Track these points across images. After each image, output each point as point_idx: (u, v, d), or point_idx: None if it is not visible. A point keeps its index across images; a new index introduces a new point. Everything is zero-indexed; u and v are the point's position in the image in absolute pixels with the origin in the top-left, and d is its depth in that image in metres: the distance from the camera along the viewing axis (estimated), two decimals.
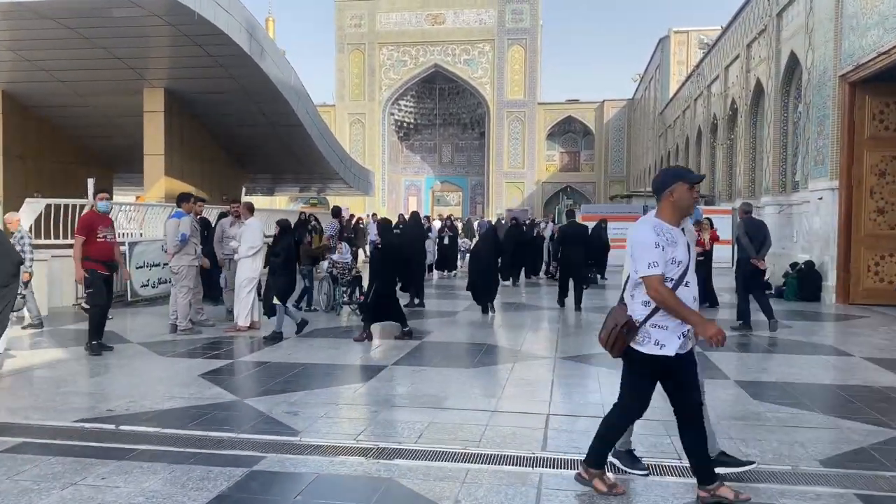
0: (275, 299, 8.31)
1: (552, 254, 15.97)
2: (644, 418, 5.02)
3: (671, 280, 3.35)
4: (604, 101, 51.23)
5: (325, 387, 6.01)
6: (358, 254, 16.24)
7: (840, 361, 7.38)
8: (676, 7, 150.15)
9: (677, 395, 3.48)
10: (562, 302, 11.69)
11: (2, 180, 18.31)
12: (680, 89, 31.87)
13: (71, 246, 11.31)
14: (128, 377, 6.44)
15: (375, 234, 20.61)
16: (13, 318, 8.40)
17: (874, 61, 10.86)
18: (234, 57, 15.63)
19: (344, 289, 10.76)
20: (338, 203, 22.57)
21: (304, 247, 11.65)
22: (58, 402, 5.43)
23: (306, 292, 11.03)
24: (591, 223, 20.47)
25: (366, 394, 5.82)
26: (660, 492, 3.67)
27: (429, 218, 23.17)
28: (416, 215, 12.91)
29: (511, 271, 15.35)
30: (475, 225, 29.52)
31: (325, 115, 46.97)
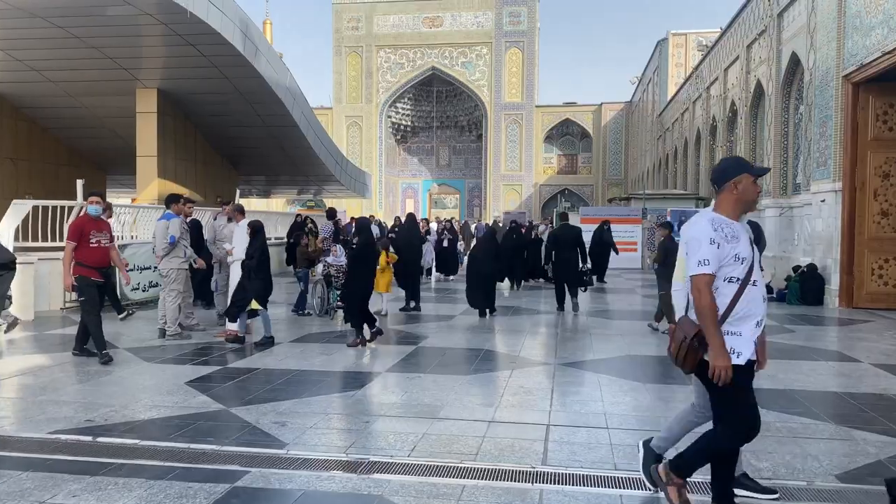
0: (254, 303, 8.07)
1: (545, 256, 15.61)
2: (649, 428, 4.85)
3: (737, 279, 3.04)
4: (602, 104, 51.16)
5: (315, 395, 5.78)
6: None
7: (847, 368, 7.17)
8: (674, 10, 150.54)
9: None
10: (560, 307, 11.44)
11: None
12: (678, 92, 31.73)
13: (59, 248, 11.18)
14: (111, 385, 6.20)
15: (375, 235, 20.62)
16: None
17: (878, 61, 10.67)
18: (227, 57, 15.42)
19: (338, 292, 10.51)
20: (335, 205, 22.36)
21: (300, 249, 11.44)
22: (34, 412, 5.19)
23: (303, 296, 10.82)
24: (589, 226, 20.43)
25: (358, 402, 5.59)
26: None
27: (427, 220, 22.98)
28: (411, 218, 12.67)
29: (511, 275, 14.99)
30: (472, 228, 29.28)
31: (322, 117, 46.86)
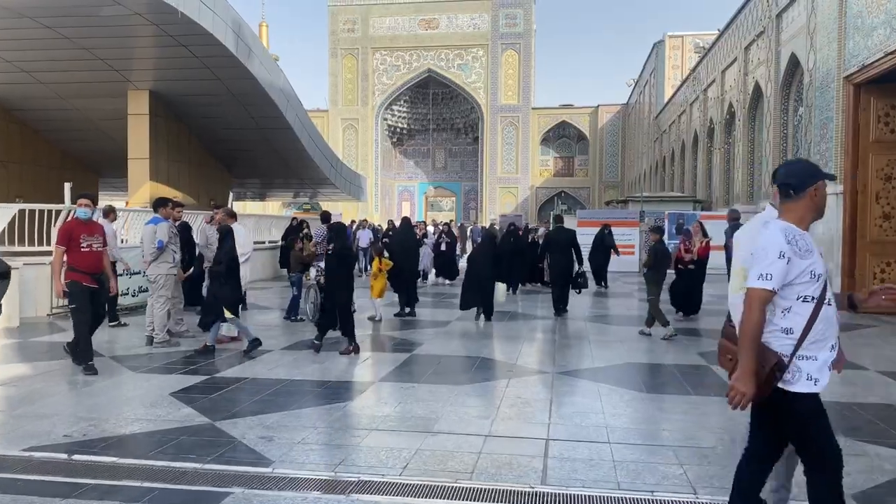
0: (226, 312, 7.83)
1: (538, 258, 15.42)
2: (653, 443, 4.65)
3: (812, 298, 2.71)
4: (598, 106, 51.06)
5: (305, 407, 5.56)
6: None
7: (854, 376, 6.96)
8: (671, 12, 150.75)
9: (776, 434, 2.88)
10: (558, 312, 11.24)
11: None
12: (675, 94, 31.61)
13: (46, 253, 10.93)
14: (93, 397, 5.97)
15: (368, 240, 20.35)
16: None
17: (881, 62, 10.51)
18: (220, 58, 15.19)
19: None
20: (331, 209, 22.12)
21: (293, 253, 11.20)
22: (9, 427, 4.96)
23: (295, 301, 10.59)
24: (586, 229, 20.21)
25: (349, 415, 5.37)
26: None
27: (424, 224, 22.72)
28: (406, 221, 12.44)
29: (508, 279, 14.56)
30: (468, 231, 29.07)
31: (318, 120, 46.65)
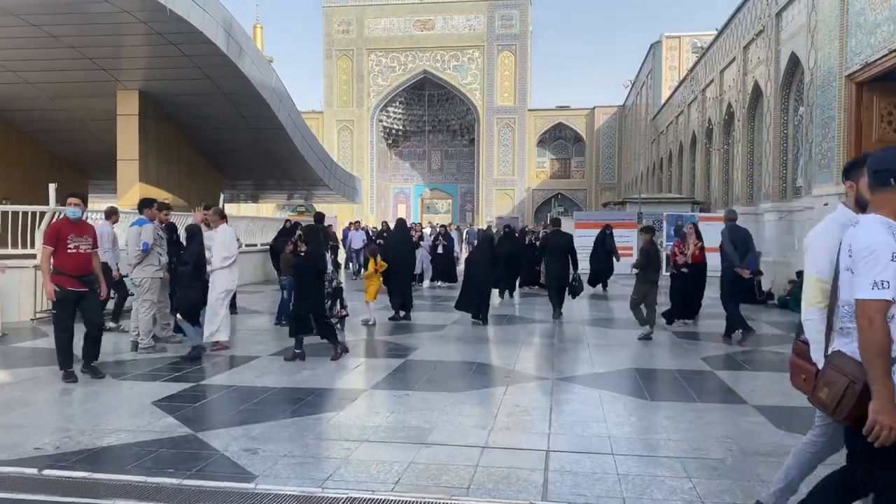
0: (178, 315, 7.56)
1: (535, 260, 15.19)
2: (658, 454, 4.38)
3: None
4: (595, 108, 50.88)
5: (293, 416, 5.29)
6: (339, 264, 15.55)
7: None
8: (667, 13, 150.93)
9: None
10: (556, 315, 11.07)
11: None
12: (672, 95, 31.43)
13: (30, 256, 10.67)
14: (71, 406, 5.71)
15: (362, 241, 20.09)
16: None
17: (885, 59, 10.28)
18: (210, 57, 14.91)
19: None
20: (326, 211, 21.84)
21: (283, 256, 10.92)
22: None
23: (285, 305, 10.31)
24: (583, 231, 20.00)
25: (339, 425, 5.10)
26: None
27: (420, 226, 22.45)
28: (401, 223, 12.18)
29: (504, 283, 14.03)
30: (464, 233, 28.84)
31: (313, 121, 46.39)
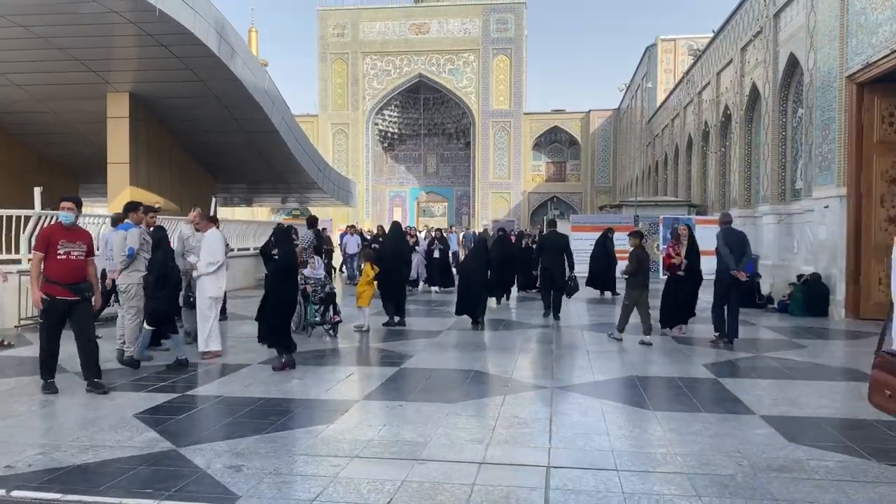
0: (145, 324, 7.32)
1: (531, 262, 14.92)
2: (665, 470, 4.09)
3: None
4: (590, 111, 50.85)
5: (281, 430, 5.05)
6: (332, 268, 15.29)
7: None
8: (662, 16, 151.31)
9: None
10: (547, 314, 11.65)
11: None
12: (668, 97, 31.31)
13: (13, 261, 10.41)
14: (49, 419, 5.46)
15: (357, 245, 19.84)
16: None
17: (886, 59, 10.13)
18: (202, 58, 14.68)
19: (316, 307, 9.78)
20: (321, 214, 21.58)
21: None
22: None
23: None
24: (579, 234, 19.79)
25: (328, 440, 4.86)
26: None
27: (415, 229, 22.20)
28: (396, 226, 11.93)
29: (498, 288, 13.53)
30: (460, 236, 28.58)
31: (308, 125, 46.15)
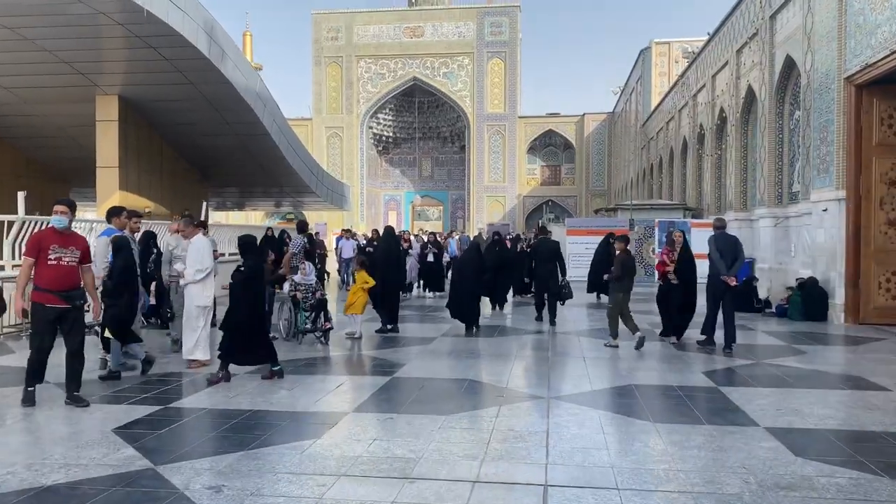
0: (106, 332, 7.07)
1: (524, 268, 14.93)
2: (669, 489, 3.85)
3: None
4: (584, 115, 50.80)
5: (266, 445, 4.82)
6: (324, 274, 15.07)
7: (877, 398, 6.35)
8: (657, 20, 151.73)
9: None
10: (539, 317, 11.79)
11: None
12: (662, 101, 31.21)
13: None
14: (24, 434, 5.23)
15: (353, 250, 19.58)
16: None
17: (885, 60, 9.99)
18: (192, 60, 14.45)
19: (307, 314, 9.56)
20: (316, 218, 21.37)
21: (265, 266, 10.48)
22: None
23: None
24: (575, 238, 19.61)
25: (314, 456, 4.63)
26: None
27: (409, 233, 21.96)
28: (389, 230, 11.73)
29: (493, 293, 13.30)
30: (456, 240, 28.37)
31: (302, 128, 45.95)
